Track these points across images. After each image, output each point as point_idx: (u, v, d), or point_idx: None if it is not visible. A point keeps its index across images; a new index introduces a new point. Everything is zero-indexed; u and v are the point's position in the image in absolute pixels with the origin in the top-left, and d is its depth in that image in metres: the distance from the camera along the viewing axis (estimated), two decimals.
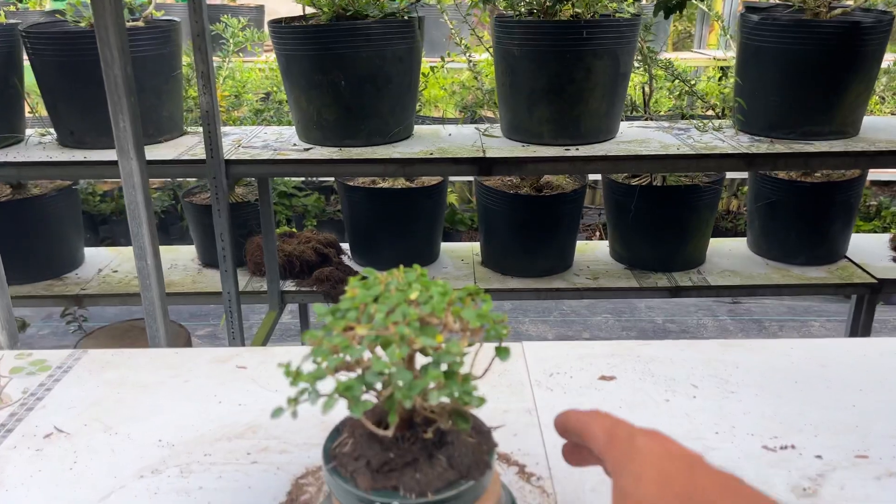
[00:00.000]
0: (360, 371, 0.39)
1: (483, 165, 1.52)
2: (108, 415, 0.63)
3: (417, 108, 3.32)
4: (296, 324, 2.56)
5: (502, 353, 0.41)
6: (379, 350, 0.39)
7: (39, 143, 1.68)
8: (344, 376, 0.39)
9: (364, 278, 0.43)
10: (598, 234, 2.90)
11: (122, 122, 1.07)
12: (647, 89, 1.90)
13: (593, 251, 2.24)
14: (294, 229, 2.54)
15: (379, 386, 0.39)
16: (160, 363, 0.71)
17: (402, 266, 0.43)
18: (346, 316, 0.40)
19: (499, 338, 0.40)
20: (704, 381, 0.67)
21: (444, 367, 0.38)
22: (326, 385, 0.38)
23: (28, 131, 1.78)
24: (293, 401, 0.38)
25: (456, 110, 3.33)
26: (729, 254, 2.20)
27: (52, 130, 1.70)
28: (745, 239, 2.26)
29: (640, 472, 0.34)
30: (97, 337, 1.99)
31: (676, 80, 1.89)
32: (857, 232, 2.36)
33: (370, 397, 0.39)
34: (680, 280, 2.02)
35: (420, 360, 0.39)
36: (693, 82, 1.89)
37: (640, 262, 2.07)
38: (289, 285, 2.02)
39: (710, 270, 2.07)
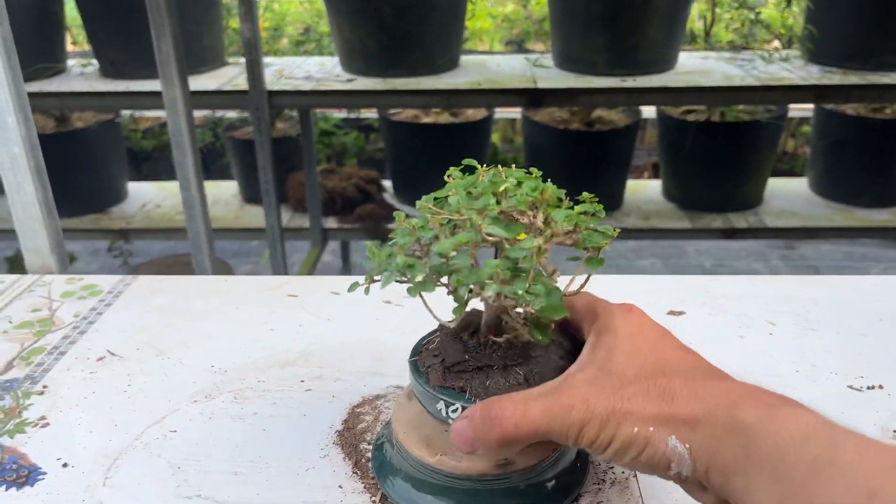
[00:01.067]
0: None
1: (533, 97, 1.46)
2: (160, 339, 0.61)
3: (462, 41, 3.23)
4: (338, 263, 2.55)
5: (593, 262, 0.37)
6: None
7: (81, 73, 1.66)
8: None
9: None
10: (646, 174, 2.82)
11: (164, 47, 1.04)
12: (708, 17, 1.79)
13: (644, 190, 2.18)
14: (335, 166, 2.51)
15: (446, 279, 0.37)
16: (210, 290, 0.70)
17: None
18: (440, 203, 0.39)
19: (595, 247, 0.37)
20: (781, 318, 0.63)
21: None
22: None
23: (70, 62, 1.76)
24: (368, 278, 0.38)
25: (503, 43, 3.22)
26: (788, 195, 2.11)
27: (94, 61, 1.68)
28: (805, 179, 2.17)
29: (613, 345, 0.37)
30: (142, 272, 2.01)
31: (741, 8, 1.79)
32: None
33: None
34: (735, 221, 1.95)
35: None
36: (758, 11, 1.78)
37: (694, 203, 2.00)
38: (330, 222, 2.01)
39: (767, 212, 2.00)
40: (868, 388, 0.53)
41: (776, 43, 1.95)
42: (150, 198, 2.19)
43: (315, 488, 0.45)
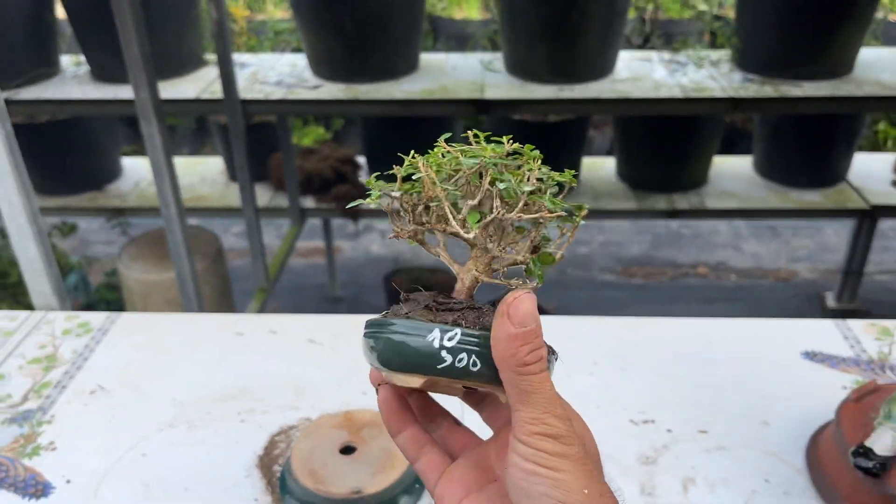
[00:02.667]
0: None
1: (480, 106, 1.62)
2: (137, 375, 0.82)
3: (441, 9, 3.33)
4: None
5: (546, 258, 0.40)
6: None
7: (75, 75, 1.82)
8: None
9: None
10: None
11: (131, 56, 1.13)
12: (650, 17, 1.93)
13: (599, 169, 2.34)
14: (317, 144, 2.67)
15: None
16: (177, 328, 0.90)
17: None
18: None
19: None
20: (605, 359, 0.83)
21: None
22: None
23: (64, 58, 1.92)
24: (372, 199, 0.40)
25: (481, 10, 3.33)
26: (732, 174, 2.27)
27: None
28: (751, 158, 2.32)
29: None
30: (138, 243, 2.20)
31: (684, 7, 1.91)
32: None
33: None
34: (678, 203, 2.13)
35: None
36: (700, 11, 1.91)
37: (643, 183, 2.16)
38: (309, 202, 2.19)
39: (709, 192, 2.16)
40: (644, 422, 0.74)
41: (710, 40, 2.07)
42: (143, 175, 2.37)
43: (239, 501, 0.66)
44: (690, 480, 0.67)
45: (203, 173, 2.36)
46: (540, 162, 0.39)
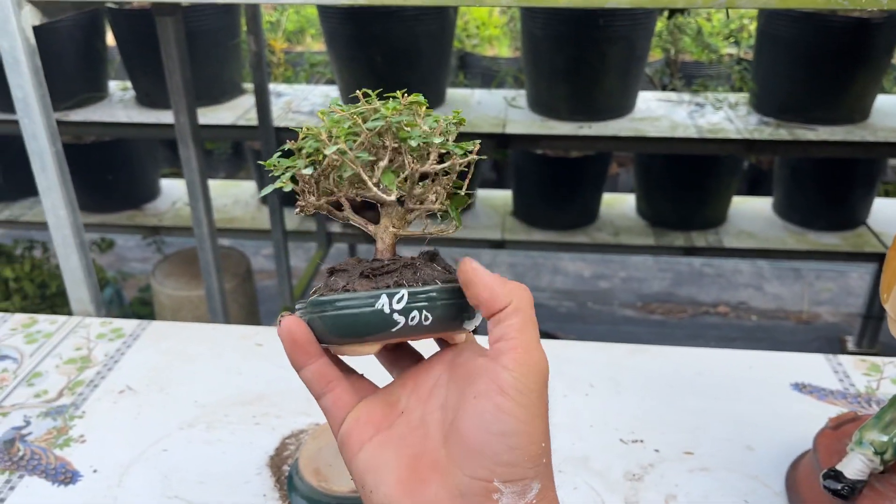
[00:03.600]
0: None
1: (501, 141, 1.69)
2: (162, 378, 0.88)
3: (472, 46, 3.43)
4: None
5: (460, 201, 0.42)
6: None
7: (121, 100, 1.93)
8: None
9: None
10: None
11: (174, 86, 1.24)
12: (673, 61, 1.99)
13: (621, 205, 2.39)
14: None
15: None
16: (202, 337, 0.96)
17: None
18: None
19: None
20: (601, 382, 0.87)
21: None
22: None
23: (112, 83, 2.03)
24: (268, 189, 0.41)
25: (511, 49, 3.41)
26: (752, 215, 2.30)
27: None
28: (771, 199, 2.35)
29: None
30: (171, 260, 2.30)
31: (704, 50, 1.97)
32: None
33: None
34: (696, 240, 2.16)
35: None
36: (721, 54, 1.97)
37: (661, 220, 2.20)
38: (335, 226, 2.27)
39: (728, 231, 2.19)
40: (633, 441, 0.78)
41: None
42: (179, 195, 2.47)
43: (249, 496, 0.71)
44: (673, 497, 0.71)
45: (237, 196, 2.45)
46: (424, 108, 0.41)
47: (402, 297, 0.37)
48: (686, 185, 2.13)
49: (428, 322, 0.38)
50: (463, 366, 0.38)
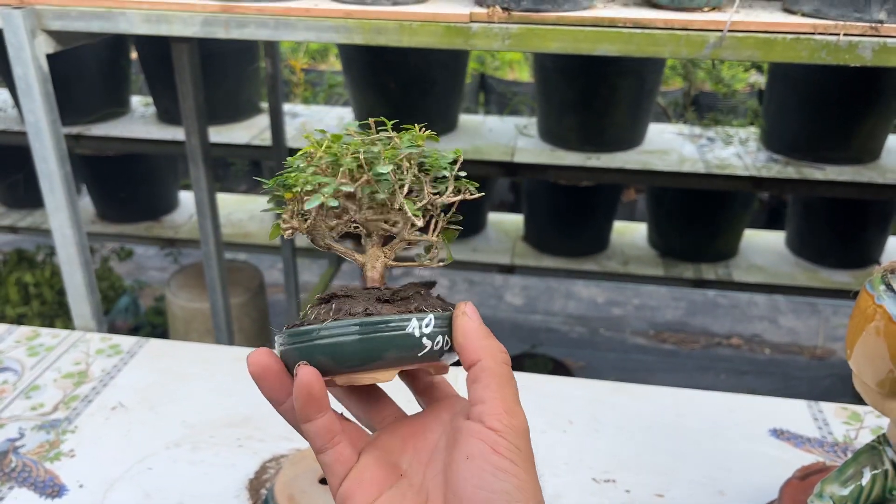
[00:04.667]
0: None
1: (509, 169, 1.71)
2: (154, 396, 0.91)
3: (494, 69, 3.46)
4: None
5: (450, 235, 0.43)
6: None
7: (142, 116, 1.99)
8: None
9: None
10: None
11: (187, 106, 1.29)
12: (686, 93, 2.00)
13: (632, 234, 2.39)
14: None
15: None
16: (197, 357, 0.99)
17: None
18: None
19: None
20: (580, 418, 0.88)
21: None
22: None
23: (135, 98, 2.09)
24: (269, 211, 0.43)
25: (531, 74, 3.44)
26: (763, 249, 2.29)
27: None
28: (784, 234, 2.34)
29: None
30: (186, 272, 2.34)
31: (718, 84, 1.98)
32: None
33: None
34: (706, 273, 2.15)
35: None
36: (734, 88, 1.98)
37: (672, 251, 2.19)
38: (347, 244, 2.30)
39: (738, 264, 2.18)
40: (605, 480, 0.79)
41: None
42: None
43: None
44: None
45: (252, 211, 2.50)
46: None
47: (429, 322, 0.37)
48: (697, 216, 2.13)
49: (447, 347, 0.38)
50: (455, 427, 0.38)
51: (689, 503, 0.76)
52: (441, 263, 0.42)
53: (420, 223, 0.40)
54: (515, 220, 2.42)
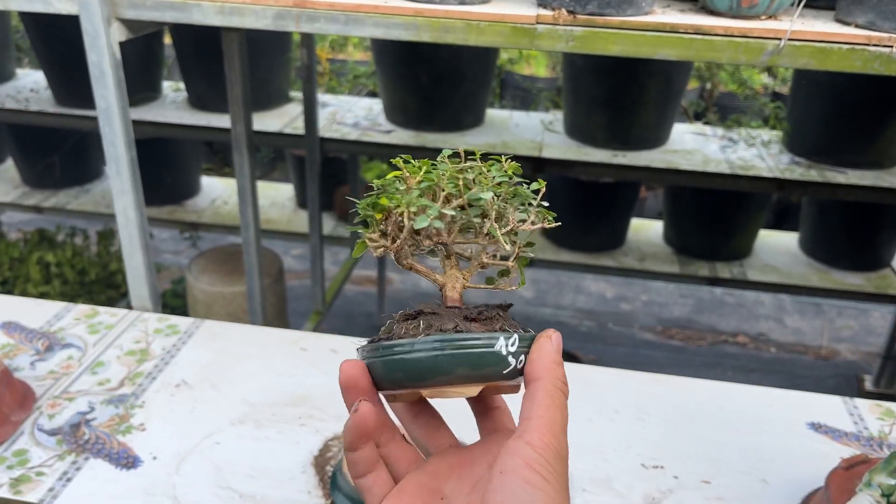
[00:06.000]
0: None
1: (537, 164, 1.74)
2: (216, 375, 0.94)
3: (511, 64, 3.48)
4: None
5: (523, 261, 0.43)
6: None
7: (173, 101, 2.01)
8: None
9: None
10: None
11: (234, 92, 1.30)
12: (708, 94, 2.03)
13: (648, 231, 2.42)
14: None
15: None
16: (252, 339, 1.02)
17: None
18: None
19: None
20: (626, 408, 0.92)
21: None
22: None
23: (166, 83, 2.12)
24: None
25: (548, 69, 3.47)
26: (777, 249, 2.32)
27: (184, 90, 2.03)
28: (797, 234, 2.37)
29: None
30: (207, 256, 2.37)
31: (741, 87, 2.01)
32: None
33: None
34: (720, 271, 2.19)
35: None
36: (756, 90, 2.01)
37: (687, 249, 2.23)
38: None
39: (752, 265, 2.22)
40: (654, 467, 0.83)
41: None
42: (219, 194, 2.55)
43: (294, 492, 0.77)
44: None
45: (274, 198, 2.53)
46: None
47: (514, 341, 0.39)
48: (714, 216, 2.17)
49: (523, 366, 0.40)
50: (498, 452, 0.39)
51: (734, 490, 0.80)
52: (514, 287, 0.43)
53: (509, 248, 0.42)
54: None
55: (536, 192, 0.44)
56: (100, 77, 0.90)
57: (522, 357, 0.39)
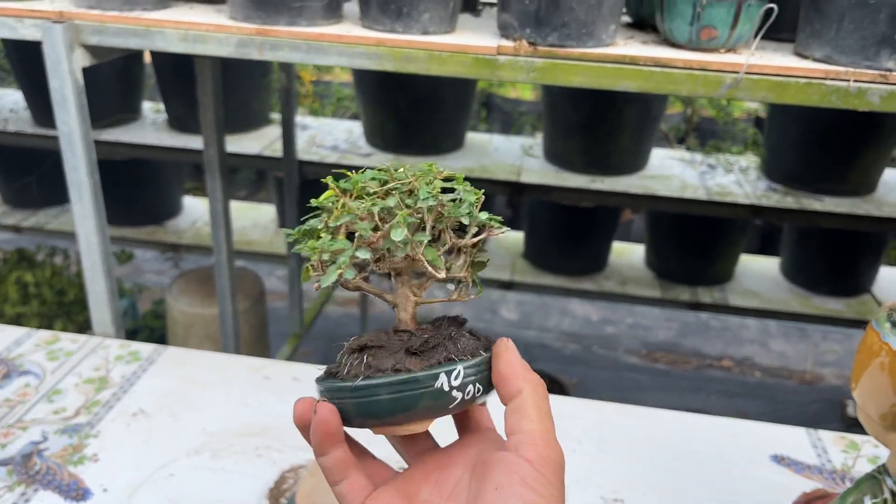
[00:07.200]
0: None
1: (515, 189, 1.74)
2: (175, 403, 0.93)
3: (497, 87, 3.50)
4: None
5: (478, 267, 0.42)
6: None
7: (153, 122, 2.01)
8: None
9: None
10: None
11: (206, 117, 1.30)
12: (689, 119, 2.04)
13: (630, 255, 2.42)
14: None
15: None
16: (215, 366, 1.01)
17: None
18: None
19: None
20: (588, 439, 0.91)
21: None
22: None
23: (146, 104, 2.11)
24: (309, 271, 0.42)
25: (533, 92, 3.50)
26: (759, 274, 2.33)
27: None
28: (778, 260, 2.38)
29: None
30: (187, 277, 2.36)
31: (720, 112, 2.02)
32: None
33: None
34: (702, 296, 2.19)
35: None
36: (734, 117, 2.02)
37: (669, 273, 2.23)
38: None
39: (734, 289, 2.22)
40: (613, 500, 0.82)
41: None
42: (200, 214, 2.54)
43: None
44: None
45: (256, 219, 2.52)
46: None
47: (458, 374, 0.37)
48: (695, 241, 2.17)
49: (479, 394, 0.39)
50: (484, 461, 0.39)
51: None
52: (471, 297, 0.42)
53: (442, 274, 0.40)
54: (515, 237, 2.45)
55: (475, 202, 0.43)
56: (62, 102, 0.90)
57: (470, 387, 0.38)
